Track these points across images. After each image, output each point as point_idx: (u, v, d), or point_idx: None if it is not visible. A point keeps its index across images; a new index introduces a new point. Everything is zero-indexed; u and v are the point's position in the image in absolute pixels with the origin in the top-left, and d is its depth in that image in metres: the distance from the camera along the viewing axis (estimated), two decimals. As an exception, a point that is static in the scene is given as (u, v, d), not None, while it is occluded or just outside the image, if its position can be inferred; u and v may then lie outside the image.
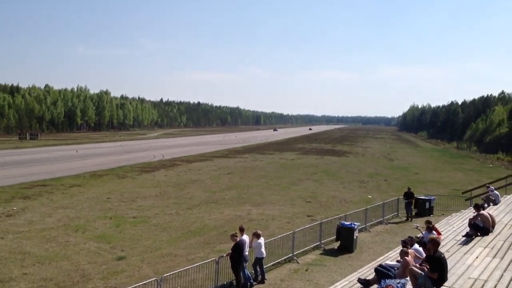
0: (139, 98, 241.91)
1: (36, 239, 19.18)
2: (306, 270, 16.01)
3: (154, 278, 12.34)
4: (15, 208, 25.34)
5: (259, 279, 14.96)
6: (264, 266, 15.15)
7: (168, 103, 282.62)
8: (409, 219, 25.08)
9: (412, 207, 26.02)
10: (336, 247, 18.89)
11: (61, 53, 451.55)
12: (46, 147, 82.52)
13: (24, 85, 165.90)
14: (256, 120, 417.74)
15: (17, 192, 30.85)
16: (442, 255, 10.00)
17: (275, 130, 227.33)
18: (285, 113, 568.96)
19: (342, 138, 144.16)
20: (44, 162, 54.25)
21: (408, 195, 25.99)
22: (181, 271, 13.63)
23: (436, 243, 10.27)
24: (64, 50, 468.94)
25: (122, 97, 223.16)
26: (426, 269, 10.21)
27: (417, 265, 11.02)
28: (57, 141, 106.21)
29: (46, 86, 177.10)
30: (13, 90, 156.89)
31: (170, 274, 13.13)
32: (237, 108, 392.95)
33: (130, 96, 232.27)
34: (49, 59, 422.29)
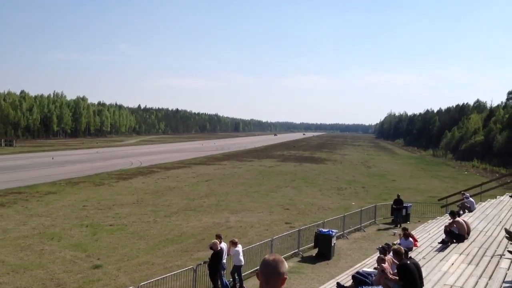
0: (116, 104, 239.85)
1: (11, 247, 18.83)
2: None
3: (131, 287, 12.24)
4: (-12, 216, 24.85)
5: (237, 287, 14.93)
6: (243, 274, 15.12)
7: (146, 110, 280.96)
8: (398, 225, 25.24)
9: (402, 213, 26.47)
10: (314, 254, 18.97)
11: (37, 58, 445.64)
12: (22, 154, 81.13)
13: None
14: (235, 127, 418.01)
15: (-9, 200, 30.25)
16: (408, 263, 10.12)
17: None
18: (264, 120, 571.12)
19: (321, 145, 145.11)
20: (19, 169, 53.29)
21: (398, 201, 26.40)
22: (158, 279, 13.52)
23: (397, 253, 10.54)
24: (40, 55, 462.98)
25: (99, 103, 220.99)
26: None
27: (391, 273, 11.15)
28: (33, 147, 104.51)
29: (22, 92, 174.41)
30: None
31: (147, 283, 13.02)
32: (216, 115, 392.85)
33: (107, 103, 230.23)
34: (25, 64, 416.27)
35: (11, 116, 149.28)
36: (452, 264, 12.94)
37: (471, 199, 23.78)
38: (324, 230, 19.42)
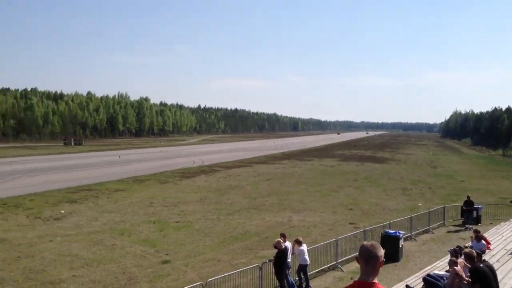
0: (177, 104, 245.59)
1: (84, 242, 19.67)
2: (351, 279, 15.81)
3: (199, 283, 12.48)
4: (62, 212, 26.08)
5: (303, 286, 14.90)
6: (308, 273, 15.07)
7: (206, 110, 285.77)
8: (468, 227, 24.26)
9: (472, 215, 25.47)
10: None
11: (103, 60, 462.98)
12: (90, 153, 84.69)
13: (67, 91, 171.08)
14: (294, 126, 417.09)
15: (64, 196, 31.74)
16: (482, 266, 9.76)
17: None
18: (323, 119, 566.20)
19: (383, 144, 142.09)
20: (89, 167, 55.67)
21: (468, 203, 25.41)
22: (225, 276, 13.71)
23: (469, 256, 10.19)
24: (105, 57, 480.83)
25: (161, 103, 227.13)
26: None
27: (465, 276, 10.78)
28: (100, 146, 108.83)
29: (89, 93, 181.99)
30: (57, 97, 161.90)
31: (214, 279, 13.25)
32: (274, 115, 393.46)
33: (169, 103, 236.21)
34: (91, 66, 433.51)
35: (79, 116, 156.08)
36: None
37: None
38: (390, 231, 19.00)
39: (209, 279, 12.79)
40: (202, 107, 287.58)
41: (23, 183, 39.34)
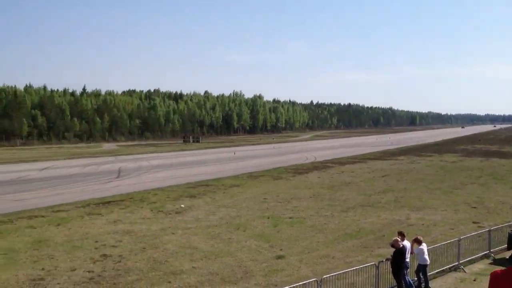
0: (290, 101, 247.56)
1: (203, 235, 20.54)
2: (474, 280, 14.87)
3: (314, 279, 12.42)
4: (183, 206, 27.46)
5: (423, 286, 14.26)
6: (428, 274, 14.39)
7: (319, 105, 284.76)
8: None
9: None
10: (507, 257, 17.24)
11: (218, 61, 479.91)
12: (207, 150, 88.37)
13: (186, 91, 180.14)
14: (411, 120, 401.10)
15: (184, 191, 33.41)
16: None
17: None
18: (443, 112, 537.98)
19: (511, 138, 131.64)
20: (206, 163, 58.14)
21: None
22: (340, 273, 13.53)
23: None
24: (221, 57, 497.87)
25: (274, 100, 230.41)
26: None
27: None
28: (216, 143, 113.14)
29: (206, 92, 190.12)
30: (177, 97, 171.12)
31: (329, 276, 13.12)
32: (390, 109, 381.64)
33: (281, 100, 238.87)
34: (208, 67, 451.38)
35: (197, 115, 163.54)
36: None
37: None
38: (520, 231, 17.53)
39: (324, 276, 12.70)
40: (314, 103, 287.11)
41: (148, 179, 42.07)
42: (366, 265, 14.09)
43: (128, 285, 14.18)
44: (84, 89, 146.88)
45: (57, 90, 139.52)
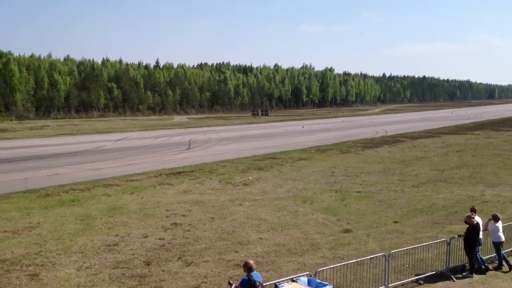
0: (361, 74, 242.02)
1: (269, 207, 20.66)
2: (554, 261, 14.02)
3: (382, 253, 12.20)
4: (250, 178, 27.73)
5: (496, 264, 13.65)
6: (502, 252, 13.74)
7: (391, 78, 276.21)
8: None
9: None
10: None
11: (288, 32, 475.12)
12: (275, 123, 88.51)
13: (256, 65, 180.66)
14: (490, 94, 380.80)
15: (252, 164, 33.70)
16: None
17: None
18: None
19: None
20: (274, 136, 58.30)
21: None
22: (409, 249, 13.22)
23: None
24: (290, 29, 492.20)
25: (344, 73, 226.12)
26: None
27: None
28: (285, 117, 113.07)
29: (275, 65, 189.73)
30: (247, 70, 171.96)
31: (397, 251, 12.85)
32: (467, 82, 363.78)
33: (352, 72, 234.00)
34: (278, 39, 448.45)
35: (266, 88, 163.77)
36: None
37: None
38: None
39: (392, 251, 12.44)
40: (387, 76, 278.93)
41: (216, 151, 42.81)
42: (437, 241, 13.65)
43: (197, 253, 14.55)
44: (157, 62, 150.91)
45: (132, 63, 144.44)
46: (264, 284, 9.34)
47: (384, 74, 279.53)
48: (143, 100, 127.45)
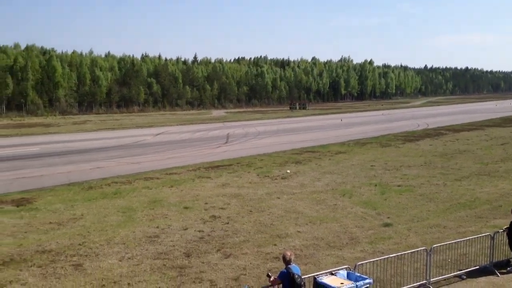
0: (401, 66, 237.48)
1: (307, 200, 20.58)
2: None
3: (423, 248, 11.98)
4: (288, 172, 27.67)
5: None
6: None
7: (433, 70, 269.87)
8: None
9: None
10: None
11: (324, 26, 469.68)
12: (313, 116, 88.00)
13: (293, 58, 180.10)
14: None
15: (290, 157, 33.63)
16: None
17: None
18: None
19: None
20: (312, 130, 57.97)
21: None
22: (451, 243, 12.95)
23: None
24: (326, 22, 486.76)
25: (384, 65, 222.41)
26: None
27: None
28: (322, 110, 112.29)
29: (313, 58, 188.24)
30: (284, 64, 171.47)
31: (439, 245, 12.60)
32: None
33: (392, 64, 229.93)
34: (314, 32, 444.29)
35: (303, 81, 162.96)
36: None
37: None
38: None
39: (434, 245, 12.19)
40: (428, 67, 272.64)
41: (254, 145, 42.91)
42: (480, 235, 13.31)
43: (236, 245, 14.65)
44: (195, 57, 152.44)
45: (171, 58, 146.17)
46: (302, 277, 9.33)
47: (425, 65, 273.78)
48: (181, 95, 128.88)
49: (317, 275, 9.94)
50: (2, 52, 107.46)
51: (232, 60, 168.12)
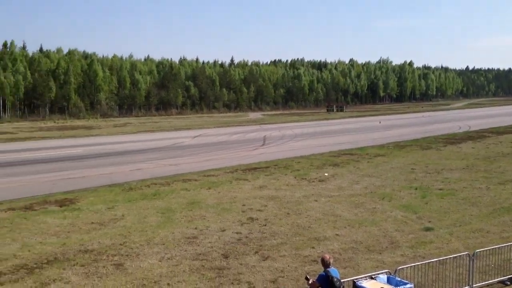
0: (442, 67, 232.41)
1: (346, 203, 20.38)
2: None
3: (466, 253, 11.71)
4: (326, 174, 27.48)
5: None
6: None
7: (474, 71, 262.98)
8: None
9: None
10: None
11: (361, 27, 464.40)
12: (351, 119, 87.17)
13: (330, 60, 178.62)
14: None
15: (327, 160, 33.39)
16: None
17: None
18: None
19: None
20: (350, 132, 57.48)
21: None
22: (494, 248, 12.58)
23: None
24: (363, 24, 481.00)
25: (424, 67, 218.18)
26: None
27: None
28: (360, 112, 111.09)
29: (351, 60, 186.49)
30: (321, 66, 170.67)
31: (482, 250, 12.26)
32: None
33: (432, 66, 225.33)
34: (352, 34, 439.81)
35: (341, 83, 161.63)
36: None
37: None
38: None
39: (477, 250, 11.88)
40: (470, 69, 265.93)
41: (291, 147, 42.84)
42: (526, 241, 12.90)
43: (274, 247, 14.64)
44: (232, 60, 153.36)
45: (208, 62, 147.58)
46: (342, 281, 9.24)
47: (467, 67, 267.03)
48: (218, 97, 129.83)
49: (356, 279, 9.83)
50: (45, 56, 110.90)
51: (268, 63, 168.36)
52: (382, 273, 10.23)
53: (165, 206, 20.22)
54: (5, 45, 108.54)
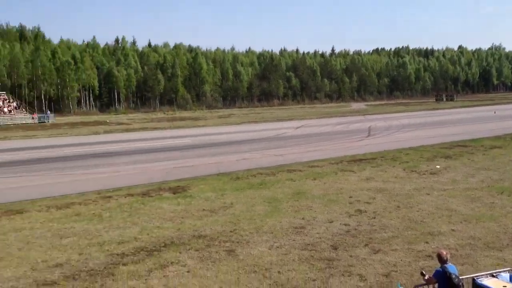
0: None
1: (461, 197, 19.29)
2: None
3: None
4: (438, 167, 26.20)
5: None
6: None
7: None
8: None
9: None
10: None
11: (470, 13, 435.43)
12: (462, 108, 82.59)
13: (437, 47, 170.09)
14: None
15: (438, 152, 31.84)
16: None
17: None
18: None
19: None
20: (461, 123, 54.46)
21: None
22: None
23: None
24: (471, 9, 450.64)
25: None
26: None
27: None
28: (472, 101, 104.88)
29: (460, 47, 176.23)
30: (428, 54, 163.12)
31: None
32: None
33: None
34: (459, 20, 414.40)
35: (450, 72, 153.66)
36: None
37: None
38: None
39: None
40: None
41: (398, 138, 41.42)
42: None
43: (385, 241, 14.22)
44: (332, 50, 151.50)
45: (308, 52, 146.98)
46: (460, 277, 8.76)
47: None
48: (320, 88, 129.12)
49: (476, 276, 9.28)
50: (154, 51, 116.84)
51: (371, 52, 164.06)
52: (504, 271, 9.55)
53: (272, 196, 20.43)
54: (117, 40, 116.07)
